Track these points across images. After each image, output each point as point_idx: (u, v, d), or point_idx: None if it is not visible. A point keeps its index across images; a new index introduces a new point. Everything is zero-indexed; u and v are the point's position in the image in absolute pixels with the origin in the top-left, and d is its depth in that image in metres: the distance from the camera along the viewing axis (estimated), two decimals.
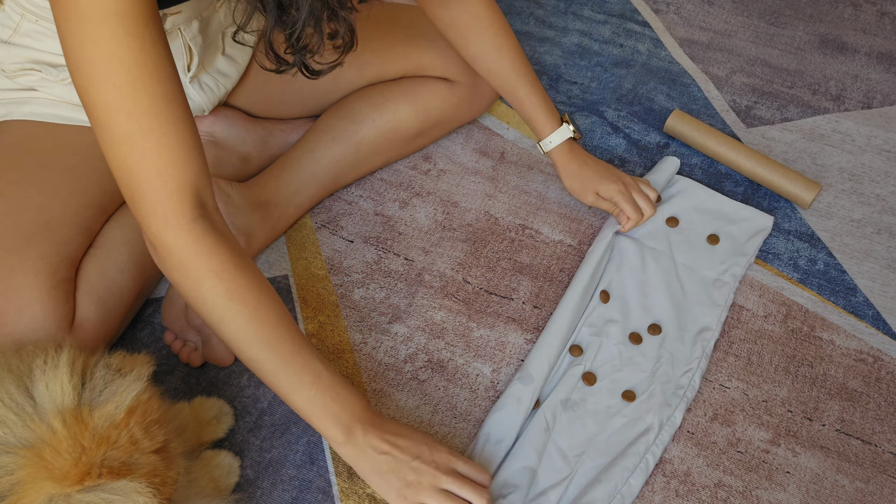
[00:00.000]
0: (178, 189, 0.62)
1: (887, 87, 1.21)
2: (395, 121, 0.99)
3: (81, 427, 0.52)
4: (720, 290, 0.93)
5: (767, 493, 0.79)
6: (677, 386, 0.84)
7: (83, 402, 0.54)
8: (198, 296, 0.65)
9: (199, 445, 0.76)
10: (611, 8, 1.34)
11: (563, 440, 0.81)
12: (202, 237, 0.63)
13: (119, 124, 0.59)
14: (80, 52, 0.57)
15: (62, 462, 0.51)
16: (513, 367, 0.87)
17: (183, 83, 0.87)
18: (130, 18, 0.56)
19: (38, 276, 0.72)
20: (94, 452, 0.52)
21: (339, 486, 0.78)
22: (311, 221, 1.00)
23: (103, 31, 0.56)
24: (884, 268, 0.98)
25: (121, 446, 0.53)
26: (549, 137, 0.94)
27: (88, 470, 0.51)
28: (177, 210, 0.62)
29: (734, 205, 1.02)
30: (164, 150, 0.60)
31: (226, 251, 0.65)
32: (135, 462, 0.53)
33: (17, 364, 0.57)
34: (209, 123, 0.98)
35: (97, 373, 0.56)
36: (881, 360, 0.89)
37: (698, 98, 1.18)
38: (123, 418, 0.54)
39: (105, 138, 0.60)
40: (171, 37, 0.81)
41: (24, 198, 0.75)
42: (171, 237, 0.63)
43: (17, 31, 0.76)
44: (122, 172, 0.61)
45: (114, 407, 0.54)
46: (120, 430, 0.53)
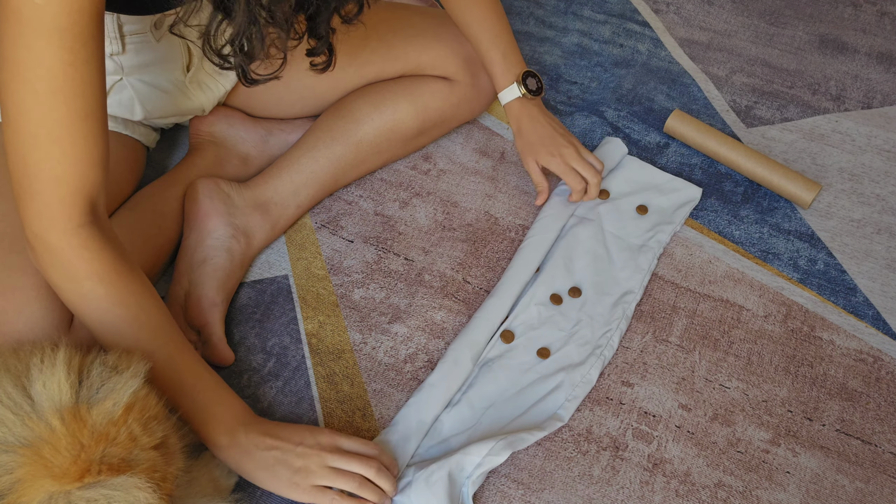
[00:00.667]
0: (70, 195, 0.63)
1: (887, 87, 1.21)
2: (395, 120, 0.99)
3: (80, 424, 0.52)
4: (645, 255, 0.95)
5: (767, 493, 0.79)
6: (595, 346, 0.86)
7: (81, 400, 0.54)
8: (77, 297, 0.65)
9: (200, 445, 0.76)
10: (611, 8, 1.34)
11: (474, 392, 0.83)
12: (87, 241, 0.64)
13: (28, 125, 0.60)
14: (10, 50, 0.58)
15: (61, 460, 0.51)
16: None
17: (182, 83, 0.87)
18: (69, 35, 0.58)
19: (36, 275, 0.72)
20: (94, 449, 0.52)
21: None
22: (311, 221, 1.00)
23: (39, 41, 0.57)
24: (884, 268, 0.98)
25: (120, 443, 0.53)
26: (503, 93, 0.97)
27: (88, 467, 0.51)
28: (65, 215, 0.63)
29: (665, 176, 1.04)
30: (67, 160, 0.62)
31: (110, 256, 0.66)
32: (134, 458, 0.53)
33: (14, 363, 0.57)
34: (209, 123, 0.98)
35: (94, 370, 0.56)
36: (881, 360, 0.89)
37: (698, 98, 1.18)
38: (122, 415, 0.54)
39: (9, 133, 0.61)
40: (170, 37, 0.81)
41: None
42: (55, 238, 0.64)
43: None
44: (18, 168, 0.62)
45: (111, 404, 0.54)
46: (118, 427, 0.53)
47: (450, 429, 0.80)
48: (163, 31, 0.79)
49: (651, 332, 0.91)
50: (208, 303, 0.85)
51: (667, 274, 0.96)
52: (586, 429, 0.83)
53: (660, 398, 0.85)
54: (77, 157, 0.62)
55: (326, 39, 0.72)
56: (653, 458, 0.81)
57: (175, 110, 0.89)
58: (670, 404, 0.85)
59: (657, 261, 0.96)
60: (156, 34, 0.79)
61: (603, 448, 0.81)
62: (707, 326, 0.92)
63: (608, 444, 0.82)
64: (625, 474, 0.80)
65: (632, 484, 0.79)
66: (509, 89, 0.96)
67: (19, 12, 0.56)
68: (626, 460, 0.81)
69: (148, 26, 0.78)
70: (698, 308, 0.93)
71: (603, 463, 0.80)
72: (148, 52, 0.81)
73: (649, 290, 0.95)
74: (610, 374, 0.87)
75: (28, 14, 0.56)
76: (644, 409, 0.84)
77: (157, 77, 0.84)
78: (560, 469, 0.80)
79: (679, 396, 0.86)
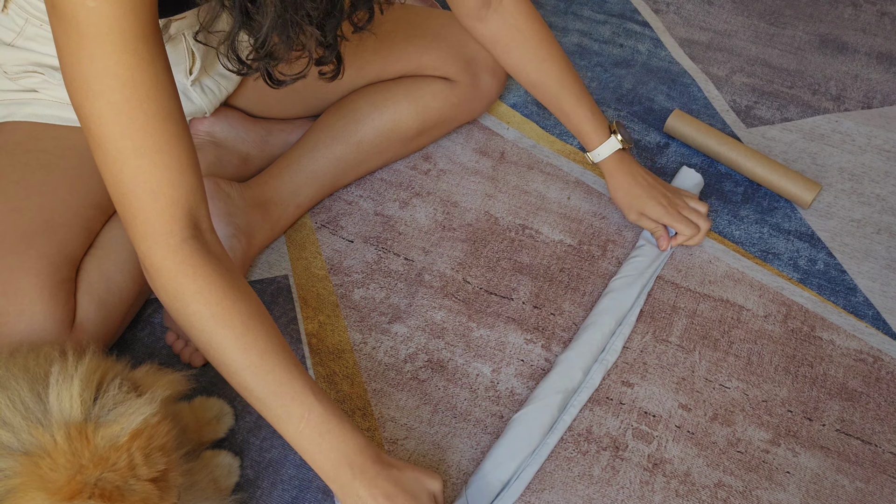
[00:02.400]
0: (168, 207, 0.60)
1: (887, 87, 1.21)
2: (396, 120, 0.99)
3: (83, 444, 0.51)
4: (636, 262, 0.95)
5: (767, 493, 0.79)
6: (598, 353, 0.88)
7: (91, 418, 0.53)
8: (185, 318, 0.62)
9: (199, 445, 0.76)
10: (611, 8, 1.34)
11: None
12: (190, 257, 0.61)
13: (113, 140, 0.58)
14: (76, 67, 0.56)
15: (57, 476, 0.50)
16: (513, 367, 0.87)
17: (185, 85, 0.87)
18: (129, 35, 0.56)
19: (38, 276, 0.72)
20: (91, 472, 0.51)
21: None
22: (311, 221, 1.00)
23: (101, 48, 0.55)
24: (884, 268, 0.98)
25: (118, 469, 0.52)
26: (598, 149, 0.93)
27: (81, 488, 0.50)
28: (166, 230, 0.61)
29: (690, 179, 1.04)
30: (157, 169, 0.59)
31: (215, 273, 0.62)
32: (128, 488, 0.52)
33: (33, 365, 0.56)
34: (209, 123, 0.98)
35: (111, 390, 0.55)
36: (881, 360, 0.89)
37: (698, 98, 1.18)
38: (126, 441, 0.53)
39: (99, 154, 0.59)
40: (175, 41, 0.81)
41: (25, 198, 0.75)
42: (160, 257, 0.61)
43: (21, 35, 0.76)
44: (115, 189, 0.60)
45: (119, 428, 0.53)
46: (120, 453, 0.52)
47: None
48: (167, 36, 0.79)
49: (651, 332, 0.91)
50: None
51: (667, 274, 0.96)
52: (586, 429, 0.83)
53: (660, 398, 0.85)
54: (166, 164, 0.59)
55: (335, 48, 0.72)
56: (653, 458, 0.81)
57: None
58: (670, 404, 0.85)
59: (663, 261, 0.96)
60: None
61: (603, 448, 0.81)
62: (707, 326, 0.92)
63: (608, 444, 0.82)
64: (625, 474, 0.80)
65: (632, 484, 0.79)
66: (607, 144, 0.92)
67: (76, 20, 0.54)
68: (626, 460, 0.81)
69: None
70: (698, 308, 0.93)
71: (603, 463, 0.80)
72: None
73: (649, 289, 0.95)
74: (610, 375, 0.87)
75: (84, 20, 0.54)
76: (644, 409, 0.85)
77: None
78: (560, 469, 0.80)
79: (679, 396, 0.86)
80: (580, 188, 1.05)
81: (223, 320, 0.62)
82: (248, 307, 0.64)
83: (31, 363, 0.56)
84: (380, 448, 0.75)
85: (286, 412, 0.64)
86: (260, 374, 0.63)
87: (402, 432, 0.82)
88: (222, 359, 0.63)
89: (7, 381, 0.55)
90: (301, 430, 0.64)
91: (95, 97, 0.57)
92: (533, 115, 1.15)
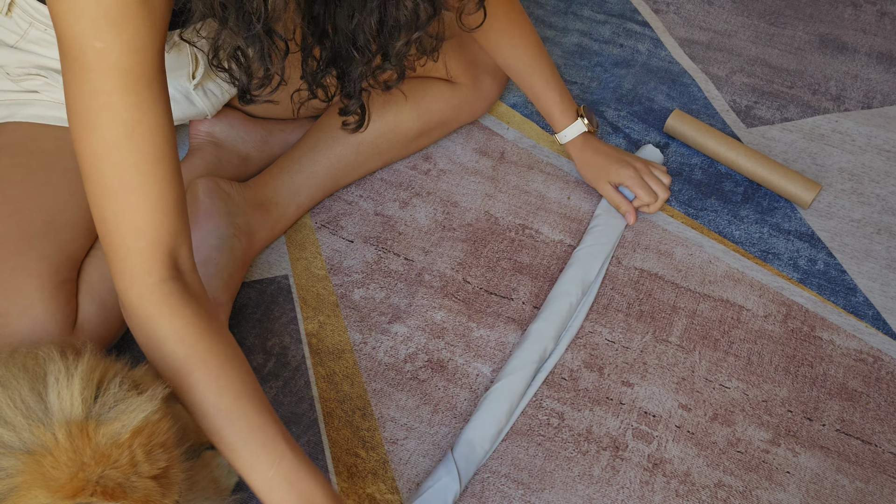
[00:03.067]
0: (148, 247, 0.60)
1: (887, 87, 1.21)
2: (396, 121, 0.99)
3: (84, 441, 0.52)
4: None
5: (767, 493, 0.79)
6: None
7: (92, 416, 0.53)
8: (160, 359, 0.61)
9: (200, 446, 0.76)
10: (611, 8, 1.34)
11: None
12: (167, 297, 0.61)
13: (102, 175, 0.58)
14: (78, 99, 0.57)
15: (59, 474, 0.51)
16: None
17: (187, 89, 0.87)
18: (133, 76, 0.56)
19: (39, 278, 0.72)
20: (93, 469, 0.51)
21: (339, 486, 0.78)
22: (311, 221, 1.00)
23: (104, 84, 0.56)
24: (884, 268, 0.98)
25: (120, 467, 0.52)
26: (564, 131, 0.99)
27: (83, 486, 0.50)
28: (145, 269, 0.60)
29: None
30: (142, 209, 0.59)
31: (192, 314, 0.61)
32: (130, 485, 0.52)
33: (32, 364, 0.57)
34: (209, 124, 0.98)
35: (111, 388, 0.55)
36: (881, 360, 0.89)
37: (698, 98, 1.18)
38: (128, 438, 0.53)
39: (89, 187, 0.60)
40: (179, 46, 0.81)
41: (26, 199, 0.75)
42: (136, 296, 0.60)
43: (24, 38, 0.76)
44: (100, 225, 0.60)
45: (120, 426, 0.53)
46: (122, 450, 0.52)
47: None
48: (172, 43, 0.79)
49: (651, 332, 0.91)
50: (214, 303, 0.85)
51: (667, 274, 0.97)
52: (586, 429, 0.83)
53: (660, 398, 0.86)
54: (152, 205, 0.59)
55: (358, 99, 0.71)
56: (653, 458, 0.81)
57: (178, 116, 0.89)
58: (670, 404, 0.85)
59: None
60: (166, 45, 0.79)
61: (603, 448, 0.82)
62: (707, 326, 0.92)
63: (608, 444, 0.82)
64: (625, 474, 0.80)
65: (632, 484, 0.79)
66: (573, 126, 0.99)
67: (82, 60, 0.55)
68: (626, 460, 0.81)
69: None
70: (698, 308, 0.93)
71: (603, 463, 0.81)
72: None
73: (649, 289, 0.95)
74: (610, 374, 0.87)
75: (91, 60, 0.55)
76: (644, 409, 0.85)
77: None
78: (560, 469, 0.80)
79: (679, 396, 0.86)
80: (580, 188, 1.05)
81: (197, 362, 0.61)
82: (224, 350, 0.63)
83: (30, 363, 0.57)
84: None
85: (256, 459, 0.62)
86: (232, 418, 0.61)
87: (402, 432, 0.82)
88: (194, 401, 0.61)
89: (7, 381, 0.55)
90: (270, 477, 0.62)
91: (92, 132, 0.57)
92: (533, 115, 1.15)
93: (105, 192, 0.59)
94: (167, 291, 0.61)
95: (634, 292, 0.95)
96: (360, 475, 0.79)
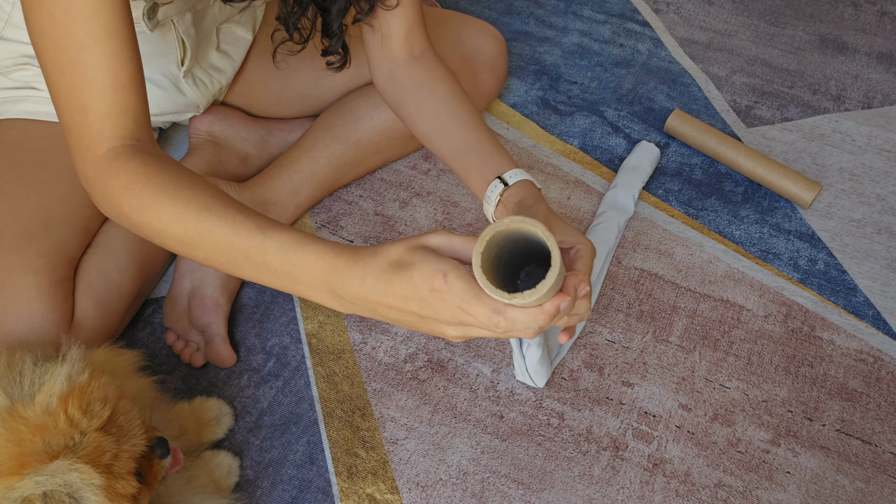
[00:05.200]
0: (99, 121, 0.59)
1: (887, 86, 1.21)
2: (395, 119, 0.99)
3: (17, 422, 0.53)
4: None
5: (768, 493, 0.79)
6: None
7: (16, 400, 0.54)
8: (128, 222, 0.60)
9: (200, 445, 0.76)
10: (611, 8, 1.34)
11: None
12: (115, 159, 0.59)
13: (50, 52, 0.57)
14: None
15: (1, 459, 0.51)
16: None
17: (177, 77, 0.87)
18: None
19: (36, 275, 0.72)
20: (32, 441, 0.52)
21: (339, 485, 0.78)
22: (311, 221, 1.00)
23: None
24: (884, 268, 0.98)
25: (59, 431, 0.53)
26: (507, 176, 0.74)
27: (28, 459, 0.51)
28: (94, 141, 0.59)
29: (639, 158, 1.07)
30: (90, 86, 0.58)
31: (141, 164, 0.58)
32: (77, 443, 0.53)
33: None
34: (209, 123, 0.98)
35: (26, 370, 0.56)
36: (881, 360, 0.89)
37: (698, 98, 1.18)
38: (58, 405, 0.54)
39: (42, 66, 0.59)
40: (164, 29, 0.80)
41: (23, 197, 0.75)
42: (91, 169, 0.59)
43: (9, 23, 0.75)
44: (55, 101, 0.59)
45: (45, 397, 0.54)
46: (55, 416, 0.53)
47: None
48: (155, 22, 0.79)
49: (651, 332, 0.91)
50: (212, 303, 0.85)
51: (667, 274, 0.96)
52: (586, 429, 0.83)
53: (660, 398, 0.85)
54: (102, 82, 0.58)
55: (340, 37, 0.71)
56: (653, 459, 0.81)
57: (169, 106, 0.89)
58: (670, 404, 0.85)
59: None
60: (148, 24, 0.79)
61: (603, 448, 0.81)
62: (707, 326, 0.92)
63: (608, 445, 0.82)
64: (625, 474, 0.80)
65: (632, 484, 0.79)
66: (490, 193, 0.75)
67: None
68: (627, 460, 0.81)
69: (140, 14, 0.78)
70: (698, 308, 0.93)
71: (603, 463, 0.80)
72: (141, 43, 0.80)
73: (649, 289, 0.95)
74: (610, 374, 0.87)
75: None
76: (644, 410, 0.84)
77: (150, 70, 0.84)
78: (560, 469, 0.80)
79: (679, 396, 0.86)
80: (580, 188, 1.05)
81: (152, 202, 0.58)
82: (174, 180, 0.59)
83: None
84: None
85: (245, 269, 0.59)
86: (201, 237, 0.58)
87: (402, 432, 0.82)
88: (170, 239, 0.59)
89: None
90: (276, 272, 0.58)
91: (38, 7, 0.56)
92: (533, 114, 1.15)
93: (55, 69, 0.58)
94: (116, 154, 0.59)
95: (634, 292, 0.95)
96: (359, 475, 0.79)
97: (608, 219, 0.99)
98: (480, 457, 0.80)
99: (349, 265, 0.56)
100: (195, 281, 0.86)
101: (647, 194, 1.05)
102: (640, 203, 1.04)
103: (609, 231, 0.97)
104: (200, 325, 0.84)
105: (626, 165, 1.05)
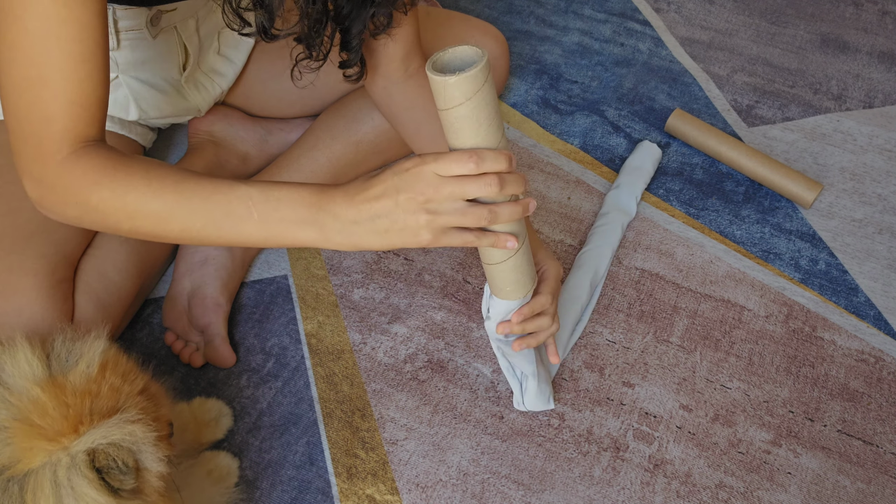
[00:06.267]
0: (61, 131, 0.59)
1: (889, 86, 1.21)
2: None
3: (60, 389, 0.54)
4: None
5: (769, 493, 0.79)
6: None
7: (54, 372, 0.55)
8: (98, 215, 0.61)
9: (199, 446, 0.76)
10: (611, 7, 1.33)
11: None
12: (73, 156, 0.60)
13: (20, 67, 0.57)
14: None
15: (51, 421, 0.53)
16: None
17: (178, 81, 0.87)
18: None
19: (36, 276, 0.72)
20: (81, 405, 0.53)
21: (339, 486, 0.78)
22: None
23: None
24: (885, 268, 0.98)
25: (104, 395, 0.54)
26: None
27: (80, 419, 0.53)
28: (55, 147, 0.59)
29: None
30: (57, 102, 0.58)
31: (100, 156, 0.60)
32: (122, 405, 0.55)
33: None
34: (208, 123, 0.98)
35: (57, 345, 0.57)
36: (883, 360, 0.89)
37: (699, 97, 1.18)
38: (98, 372, 0.55)
39: (4, 77, 0.59)
40: (167, 34, 0.81)
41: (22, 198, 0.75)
42: (52, 171, 0.60)
43: None
44: (12, 113, 0.59)
45: (85, 365, 0.56)
46: (98, 383, 0.55)
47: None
48: (158, 28, 0.79)
49: (652, 332, 0.91)
50: (213, 303, 0.85)
51: (668, 274, 0.96)
52: (587, 429, 0.83)
53: (661, 399, 0.85)
54: (70, 100, 0.58)
55: (358, 51, 0.71)
56: (654, 459, 0.81)
57: (171, 110, 0.89)
58: (671, 405, 0.85)
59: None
60: (151, 31, 0.79)
61: (604, 449, 0.81)
62: (708, 327, 0.91)
63: (609, 445, 0.81)
64: (625, 475, 0.80)
65: (633, 485, 0.79)
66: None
67: None
68: (627, 461, 0.80)
69: (144, 22, 0.78)
70: (699, 308, 0.93)
71: (604, 464, 0.80)
72: (143, 49, 0.81)
73: (650, 290, 0.94)
74: (611, 375, 0.87)
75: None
76: (645, 410, 0.84)
77: (152, 75, 0.84)
78: (560, 470, 0.80)
79: (680, 397, 0.85)
80: (580, 188, 1.05)
81: (125, 186, 0.59)
82: (142, 165, 0.61)
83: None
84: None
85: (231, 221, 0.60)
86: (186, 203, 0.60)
87: (402, 433, 0.82)
88: (145, 219, 0.60)
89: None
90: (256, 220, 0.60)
91: (15, 20, 0.56)
92: (533, 114, 1.14)
93: (22, 82, 0.58)
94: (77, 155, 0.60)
95: (635, 292, 0.94)
96: (359, 476, 0.78)
97: (612, 220, 0.98)
98: (480, 457, 0.80)
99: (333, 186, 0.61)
100: (195, 281, 0.86)
101: (648, 194, 1.05)
102: (640, 203, 1.04)
103: (613, 233, 0.97)
104: (200, 325, 0.84)
105: (628, 165, 1.05)
